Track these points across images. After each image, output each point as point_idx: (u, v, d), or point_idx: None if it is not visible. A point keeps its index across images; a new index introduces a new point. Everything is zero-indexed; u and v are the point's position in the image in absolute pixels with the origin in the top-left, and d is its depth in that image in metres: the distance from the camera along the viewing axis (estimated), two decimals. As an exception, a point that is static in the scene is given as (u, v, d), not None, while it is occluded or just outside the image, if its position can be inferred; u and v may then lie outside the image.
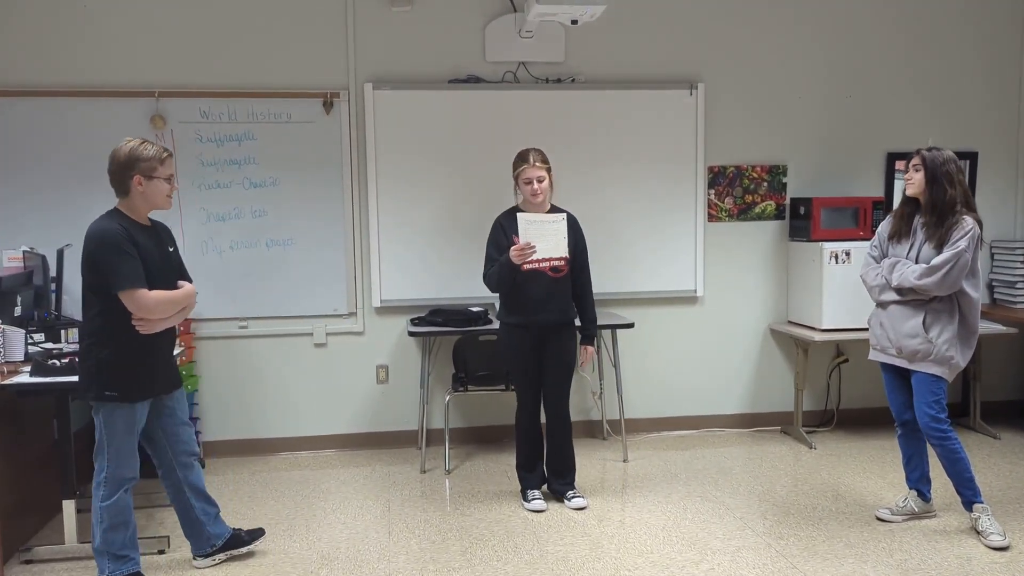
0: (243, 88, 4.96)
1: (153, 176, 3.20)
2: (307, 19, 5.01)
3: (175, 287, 3.31)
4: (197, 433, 4.95)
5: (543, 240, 4.00)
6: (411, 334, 4.84)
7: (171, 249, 3.40)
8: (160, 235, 3.37)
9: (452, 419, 5.19)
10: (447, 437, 4.93)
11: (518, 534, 3.87)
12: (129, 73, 4.87)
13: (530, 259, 3.98)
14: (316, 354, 5.19)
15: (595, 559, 3.58)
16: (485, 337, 4.80)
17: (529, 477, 4.29)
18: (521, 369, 4.22)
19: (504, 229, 4.16)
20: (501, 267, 4.06)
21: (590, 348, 4.34)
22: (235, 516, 4.14)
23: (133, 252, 3.13)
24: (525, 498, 4.23)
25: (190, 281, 3.42)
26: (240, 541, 3.64)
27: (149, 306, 3.16)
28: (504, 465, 4.88)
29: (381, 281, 5.14)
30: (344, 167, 5.08)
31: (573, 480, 4.32)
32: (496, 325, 4.81)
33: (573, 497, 4.23)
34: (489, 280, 4.18)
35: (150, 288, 3.16)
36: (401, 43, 5.09)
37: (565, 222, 4.07)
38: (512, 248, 4.01)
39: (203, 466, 4.87)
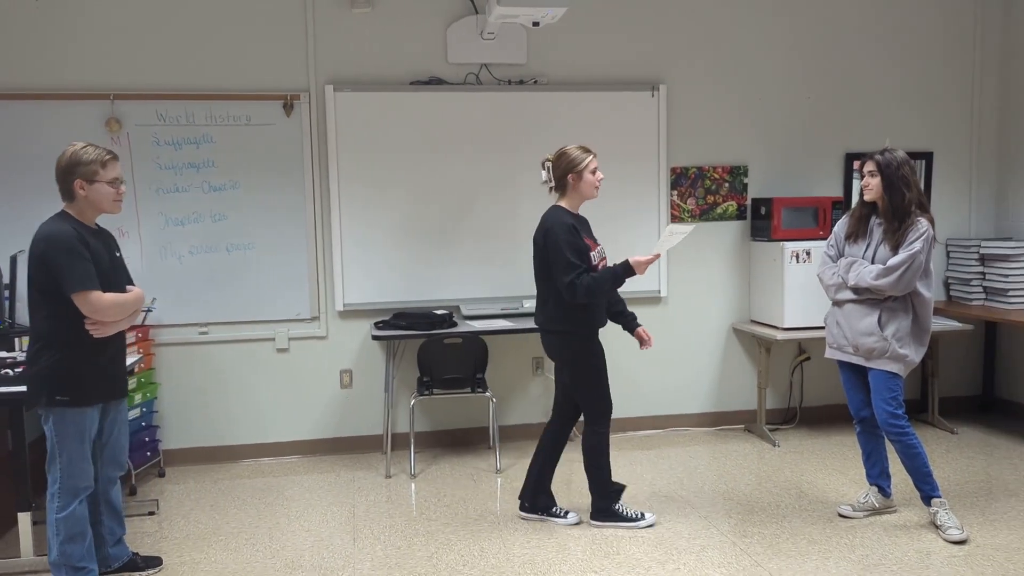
0: (201, 90, 4.89)
1: (95, 180, 3.16)
2: (266, 20, 4.96)
3: (124, 291, 3.27)
4: (156, 442, 4.88)
5: (664, 248, 3.82)
6: (375, 338, 4.81)
7: (118, 254, 3.37)
8: (106, 239, 3.33)
9: (417, 423, 5.16)
10: (412, 441, 4.90)
11: (484, 538, 3.86)
12: (83, 75, 4.78)
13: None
14: (279, 359, 5.13)
15: (561, 561, 3.58)
16: (450, 340, 4.78)
17: (617, 491, 3.99)
18: (605, 378, 3.90)
19: (578, 231, 3.78)
20: (617, 277, 3.72)
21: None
22: (196, 526, 4.09)
23: (85, 254, 3.09)
24: (633, 516, 3.93)
25: (134, 286, 3.38)
26: (135, 566, 3.56)
27: (104, 308, 3.12)
28: (470, 468, 4.87)
29: (344, 285, 5.10)
30: (305, 170, 5.03)
31: None
32: (464, 328, 4.81)
33: (567, 513, 4.12)
34: (590, 290, 3.68)
35: (103, 291, 3.12)
36: (362, 45, 5.06)
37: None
38: (640, 258, 3.72)
39: (163, 475, 4.83)
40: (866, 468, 4.04)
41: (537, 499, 4.06)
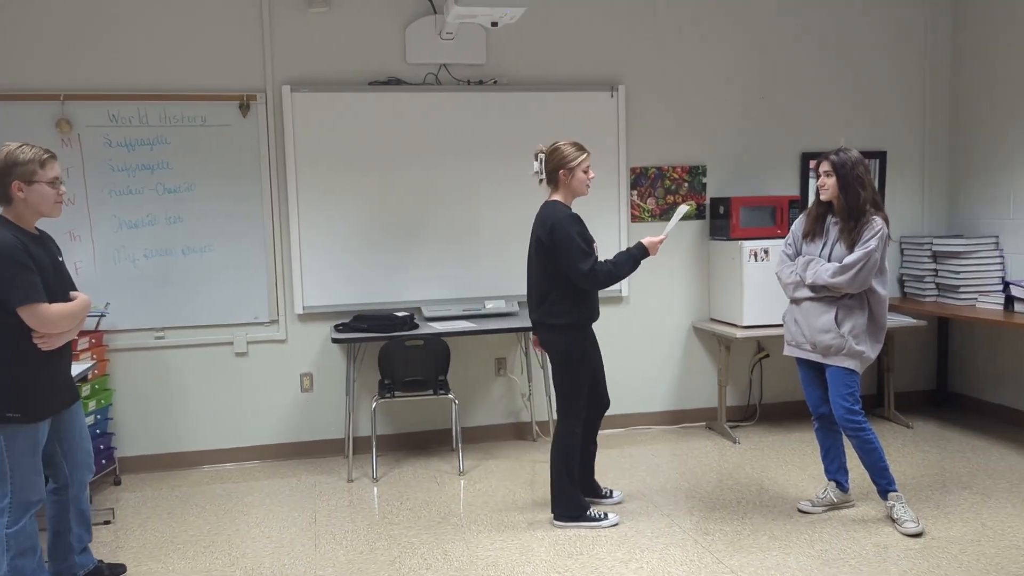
0: (154, 90, 4.80)
1: (34, 180, 3.02)
2: (221, 19, 4.88)
3: (69, 298, 3.16)
4: (112, 449, 4.78)
5: (669, 231, 3.93)
6: (335, 341, 4.76)
7: (60, 259, 3.24)
8: (48, 244, 3.20)
9: (379, 426, 5.13)
10: (374, 444, 4.86)
11: (448, 541, 3.84)
12: (31, 75, 4.67)
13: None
14: (237, 363, 5.06)
15: (525, 562, 3.58)
16: (412, 342, 4.75)
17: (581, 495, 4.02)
18: (588, 375, 3.94)
19: (581, 222, 3.80)
20: (635, 260, 3.82)
21: None
22: (153, 535, 4.01)
23: (31, 264, 2.97)
24: (597, 517, 3.94)
25: (77, 291, 3.27)
26: (100, 574, 3.48)
27: (52, 320, 3.01)
28: (433, 471, 4.84)
29: (303, 287, 5.04)
30: (263, 171, 4.96)
31: None
32: (426, 330, 4.79)
33: (613, 492, 4.27)
34: (611, 275, 3.77)
35: (49, 301, 3.01)
36: (319, 44, 5.00)
37: None
38: (653, 239, 3.85)
39: (119, 483, 4.73)
40: (824, 464, 4.10)
41: (583, 488, 4.08)
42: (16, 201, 3.03)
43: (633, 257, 3.82)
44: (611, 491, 4.28)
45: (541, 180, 3.94)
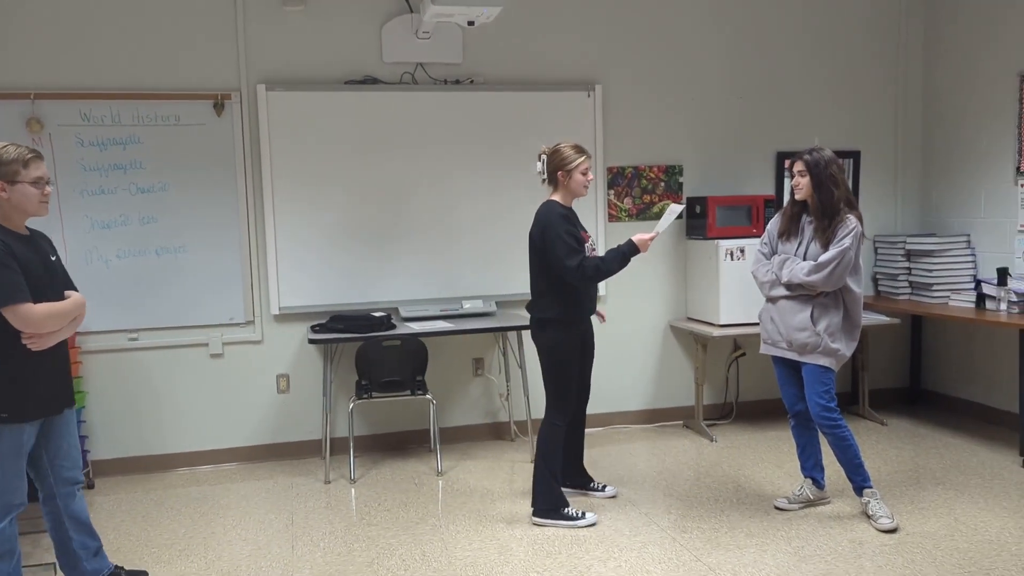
0: (127, 89, 4.75)
1: (17, 181, 2.99)
2: (195, 17, 4.83)
3: (62, 298, 3.12)
4: (85, 452, 4.72)
5: (663, 228, 3.97)
6: (312, 341, 4.72)
7: (54, 258, 3.20)
8: (40, 244, 3.16)
9: (356, 427, 5.10)
10: (352, 445, 4.84)
11: (426, 542, 3.82)
12: (1, 73, 4.59)
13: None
14: (212, 365, 5.01)
15: (504, 563, 3.57)
16: (389, 343, 4.73)
17: (561, 490, 4.04)
18: (576, 370, 4.01)
19: (571, 220, 3.91)
20: (624, 256, 3.87)
21: None
22: (127, 539, 3.96)
23: (13, 264, 2.93)
24: (573, 515, 3.95)
25: (75, 290, 3.23)
26: None
27: (36, 320, 2.97)
28: (411, 472, 4.82)
29: (279, 287, 5.00)
30: (238, 171, 4.92)
31: None
32: (403, 330, 4.77)
33: (606, 486, 4.33)
34: (599, 270, 3.85)
35: (36, 301, 2.97)
36: (294, 43, 4.97)
37: None
38: (644, 236, 3.89)
39: (92, 486, 4.67)
40: (800, 461, 4.13)
41: (572, 477, 4.24)
42: (0, 201, 3.00)
43: (623, 254, 3.88)
44: (603, 485, 4.33)
45: (544, 180, 4.03)
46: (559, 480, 4.01)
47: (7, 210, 3.03)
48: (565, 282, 3.88)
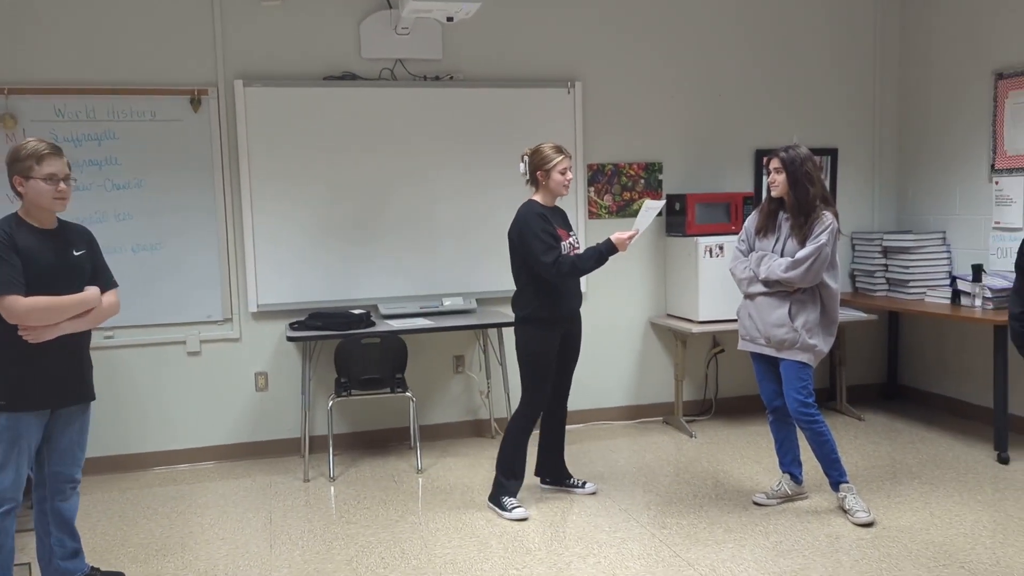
0: (102, 84, 4.69)
1: (31, 176, 3.02)
2: (171, 12, 4.79)
3: (77, 292, 3.12)
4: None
5: (643, 226, 3.98)
6: (290, 339, 4.69)
7: (77, 253, 3.19)
8: (67, 237, 3.17)
9: (336, 425, 5.08)
10: (331, 444, 4.81)
11: (405, 539, 3.81)
12: (-27, 68, 4.54)
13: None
14: (190, 363, 4.97)
15: (483, 560, 3.57)
16: (368, 340, 4.71)
17: (516, 485, 4.10)
18: (551, 368, 4.04)
19: (549, 220, 3.94)
20: (601, 255, 3.89)
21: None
22: (103, 539, 3.92)
23: (10, 257, 2.95)
24: (506, 507, 4.03)
25: (109, 287, 3.27)
26: None
27: (19, 313, 2.96)
28: (391, 469, 4.81)
29: (257, 285, 4.97)
30: (215, 167, 4.88)
31: None
32: (383, 327, 4.75)
33: (586, 483, 4.36)
34: (576, 266, 3.88)
35: (38, 294, 2.98)
36: (272, 38, 4.93)
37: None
38: (622, 235, 3.90)
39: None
40: (779, 456, 4.15)
41: (551, 472, 4.35)
42: (22, 196, 3.07)
43: (599, 252, 3.92)
44: (583, 482, 4.36)
45: (527, 181, 4.07)
46: (516, 471, 4.08)
47: (27, 205, 3.08)
48: (544, 280, 3.92)
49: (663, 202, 4.17)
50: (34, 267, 3.01)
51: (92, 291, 3.20)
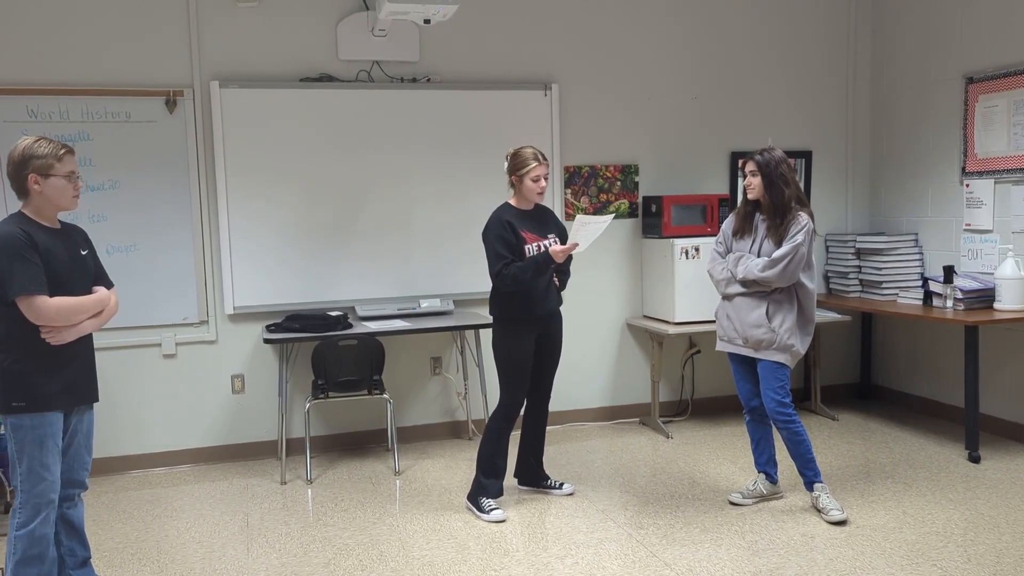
0: (76, 85, 4.65)
1: (50, 174, 2.98)
2: (145, 12, 4.75)
3: (89, 292, 3.09)
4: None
5: (585, 239, 3.96)
6: (267, 341, 4.67)
7: (84, 252, 3.16)
8: (72, 237, 3.14)
9: (313, 427, 5.06)
10: (308, 446, 4.80)
11: (383, 541, 3.81)
12: (-57, 67, 4.48)
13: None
14: (165, 365, 4.94)
15: (461, 561, 3.57)
16: (345, 342, 4.70)
17: (495, 485, 4.12)
18: (525, 367, 4.05)
19: (513, 227, 3.95)
20: (539, 265, 3.90)
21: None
22: (78, 543, 3.88)
23: (33, 257, 2.92)
24: (484, 509, 4.04)
25: (110, 286, 3.22)
26: None
27: (48, 314, 2.93)
28: (368, 471, 4.80)
29: (234, 287, 4.94)
30: (191, 168, 4.85)
31: None
32: (360, 329, 4.74)
33: (563, 484, 4.38)
34: (516, 279, 3.88)
35: (60, 294, 2.95)
36: (249, 39, 4.91)
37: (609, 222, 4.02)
38: (556, 248, 3.90)
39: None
40: (755, 456, 4.19)
41: (528, 475, 4.37)
42: (33, 194, 3.00)
43: (536, 263, 3.92)
44: (561, 483, 4.38)
45: (509, 182, 4.12)
46: (495, 470, 4.10)
47: (39, 204, 3.02)
48: None
49: (608, 218, 3.97)
50: (53, 267, 2.98)
51: (104, 291, 3.18)
